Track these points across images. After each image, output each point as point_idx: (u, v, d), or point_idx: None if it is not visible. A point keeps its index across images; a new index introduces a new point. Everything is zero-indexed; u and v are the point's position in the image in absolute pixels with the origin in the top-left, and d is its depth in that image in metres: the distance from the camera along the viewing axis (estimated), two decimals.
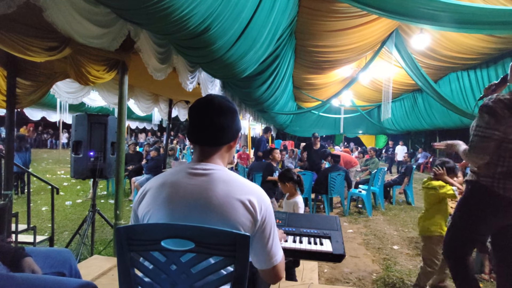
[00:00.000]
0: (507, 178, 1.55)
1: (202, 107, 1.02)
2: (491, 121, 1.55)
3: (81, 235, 2.98)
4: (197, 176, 0.97)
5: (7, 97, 2.65)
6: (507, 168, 1.55)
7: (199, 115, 1.02)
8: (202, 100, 1.04)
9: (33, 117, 11.26)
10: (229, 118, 1.03)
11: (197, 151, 1.04)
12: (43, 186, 6.49)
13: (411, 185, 6.76)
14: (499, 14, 2.79)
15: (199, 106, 1.03)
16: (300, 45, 6.08)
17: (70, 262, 1.53)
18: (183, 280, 0.88)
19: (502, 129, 1.54)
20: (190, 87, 3.49)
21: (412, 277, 3.05)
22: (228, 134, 1.04)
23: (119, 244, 0.89)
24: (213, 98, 1.03)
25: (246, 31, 2.95)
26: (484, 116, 1.57)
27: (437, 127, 11.38)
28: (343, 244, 1.62)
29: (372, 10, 3.30)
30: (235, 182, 0.97)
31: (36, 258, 1.40)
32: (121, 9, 2.01)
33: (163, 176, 1.03)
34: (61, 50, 2.09)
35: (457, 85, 8.48)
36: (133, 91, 5.07)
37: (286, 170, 2.88)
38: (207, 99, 1.03)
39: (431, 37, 6.20)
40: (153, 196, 0.99)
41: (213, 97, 1.04)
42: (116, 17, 2.15)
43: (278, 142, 14.16)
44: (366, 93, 12.05)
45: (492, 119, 1.54)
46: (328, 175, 5.32)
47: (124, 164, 2.90)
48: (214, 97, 1.04)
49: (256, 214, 0.93)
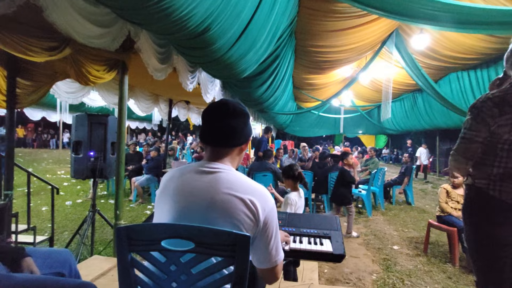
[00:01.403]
0: (503, 180, 1.44)
1: (216, 109, 1.05)
2: (473, 122, 1.48)
3: (81, 235, 2.98)
4: (204, 174, 1.00)
5: (7, 97, 2.65)
6: (503, 169, 1.44)
7: (213, 117, 1.05)
8: (217, 104, 1.07)
9: (33, 117, 11.27)
10: (242, 121, 1.06)
11: (208, 151, 1.07)
12: (43, 186, 6.49)
13: (411, 185, 6.76)
14: (499, 14, 2.79)
15: (213, 109, 1.06)
16: (300, 45, 6.07)
17: (69, 262, 1.53)
18: (183, 280, 0.88)
19: (485, 130, 1.45)
20: (190, 87, 3.49)
21: (412, 277, 3.05)
22: (240, 137, 1.07)
23: (119, 244, 0.89)
24: (228, 101, 1.07)
25: (246, 31, 2.95)
26: (468, 117, 1.52)
27: (437, 127, 11.37)
28: (343, 244, 1.62)
29: (372, 10, 3.30)
30: (239, 181, 0.99)
31: (36, 258, 1.40)
32: (121, 9, 2.01)
33: (173, 171, 1.08)
34: (61, 50, 2.09)
35: (457, 85, 8.48)
36: (133, 91, 5.08)
37: (288, 166, 2.84)
38: (221, 103, 1.07)
39: (431, 37, 6.20)
40: (162, 189, 1.05)
41: (227, 101, 1.08)
42: (116, 17, 2.15)
43: (278, 142, 14.16)
44: (366, 93, 12.04)
45: (474, 121, 1.47)
46: (328, 175, 5.32)
47: (124, 164, 2.90)
48: (228, 101, 1.08)
49: (257, 214, 0.94)
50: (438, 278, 3.06)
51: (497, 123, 1.42)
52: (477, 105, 1.49)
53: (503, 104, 1.41)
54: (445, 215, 3.61)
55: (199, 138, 1.10)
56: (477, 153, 1.51)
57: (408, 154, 8.07)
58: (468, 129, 1.50)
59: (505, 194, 1.43)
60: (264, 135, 7.17)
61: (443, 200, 3.67)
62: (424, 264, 3.40)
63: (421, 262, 3.45)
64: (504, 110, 1.40)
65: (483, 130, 1.46)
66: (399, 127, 13.82)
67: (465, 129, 1.52)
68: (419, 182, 10.81)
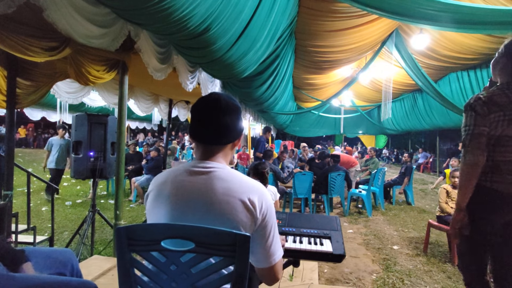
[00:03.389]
0: (494, 172, 1.61)
1: (209, 105, 1.00)
2: (477, 117, 1.60)
3: (81, 235, 2.98)
4: (198, 175, 0.96)
5: (7, 97, 2.65)
6: (492, 162, 1.61)
7: (205, 113, 0.99)
8: (208, 98, 1.01)
9: (33, 117, 11.24)
10: (235, 116, 1.02)
11: (200, 149, 1.02)
12: (43, 186, 6.49)
13: (411, 185, 6.76)
14: (499, 14, 2.79)
15: (205, 104, 1.00)
16: (300, 45, 6.07)
17: (71, 262, 1.53)
18: (183, 280, 0.88)
19: (487, 125, 1.59)
20: (190, 87, 3.49)
21: (412, 277, 3.05)
22: (233, 133, 1.03)
23: (119, 244, 0.89)
24: (220, 96, 1.01)
25: (246, 31, 2.95)
26: (470, 114, 1.63)
27: (437, 127, 11.38)
28: (343, 244, 1.61)
29: (372, 10, 3.30)
30: (235, 180, 0.96)
31: (36, 258, 1.40)
32: (121, 9, 2.01)
33: (165, 174, 1.02)
34: (61, 50, 2.09)
35: (457, 85, 8.48)
36: (133, 91, 5.08)
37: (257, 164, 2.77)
38: (213, 98, 1.01)
39: (431, 37, 6.20)
40: (155, 194, 0.99)
41: (219, 95, 1.02)
42: (116, 17, 2.15)
43: (278, 142, 14.15)
44: (366, 93, 12.04)
45: (478, 116, 1.60)
46: (328, 175, 5.32)
47: (124, 164, 2.90)
48: (220, 95, 1.02)
49: (256, 213, 0.93)
50: (438, 278, 3.06)
51: (489, 120, 1.59)
52: (472, 103, 1.63)
53: (491, 103, 1.58)
54: (445, 215, 3.61)
55: (189, 133, 1.03)
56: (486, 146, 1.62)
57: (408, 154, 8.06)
58: (475, 125, 1.61)
59: (496, 184, 1.60)
60: (262, 135, 7.16)
61: (443, 200, 3.67)
62: (424, 264, 3.40)
63: (421, 262, 3.45)
64: (492, 109, 1.58)
65: (486, 124, 1.60)
66: (399, 127, 13.82)
67: (472, 125, 1.62)
68: (419, 182, 10.80)
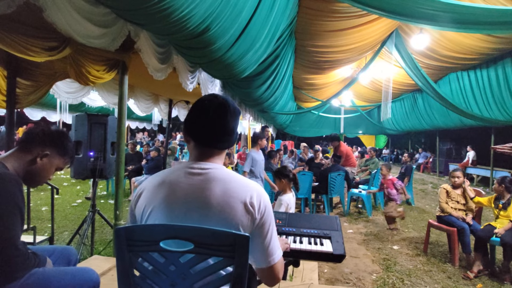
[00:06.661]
0: None
1: (219, 108, 0.97)
2: None
3: (81, 235, 2.97)
4: (195, 176, 0.95)
5: (7, 97, 2.66)
6: None
7: (214, 116, 0.97)
8: (215, 101, 0.99)
9: (33, 117, 11.23)
10: (238, 121, 1.03)
11: (197, 150, 1.00)
12: (43, 186, 6.48)
13: (411, 185, 6.76)
14: (499, 14, 2.79)
15: (211, 107, 0.97)
16: (300, 45, 6.07)
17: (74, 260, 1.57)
18: (182, 280, 0.88)
19: None
20: (190, 87, 3.48)
21: (412, 277, 3.05)
22: (235, 137, 1.04)
23: (119, 244, 0.89)
24: (227, 100, 1.00)
25: (245, 31, 2.95)
26: None
27: (437, 127, 11.38)
28: (343, 244, 1.61)
29: (372, 10, 3.30)
30: (233, 181, 0.96)
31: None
32: (121, 9, 2.01)
33: (160, 175, 1.00)
34: (61, 50, 2.09)
35: (457, 85, 8.48)
36: (133, 91, 5.07)
37: (282, 167, 2.98)
38: (222, 101, 0.99)
39: (431, 37, 6.20)
40: (150, 196, 0.96)
41: (226, 99, 1.00)
42: (116, 17, 2.14)
43: (278, 142, 14.15)
44: (366, 93, 12.04)
45: None
46: (328, 175, 5.32)
47: (124, 164, 2.90)
48: (226, 99, 1.00)
49: (255, 213, 0.93)
50: (438, 278, 3.06)
51: None
52: None
53: None
54: (445, 215, 3.61)
55: (187, 133, 1.03)
56: None
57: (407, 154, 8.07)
58: None
59: None
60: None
61: (443, 200, 3.67)
62: (424, 264, 3.40)
63: (421, 262, 3.45)
64: None
65: None
66: (399, 127, 13.83)
67: None
68: (419, 182, 10.79)
